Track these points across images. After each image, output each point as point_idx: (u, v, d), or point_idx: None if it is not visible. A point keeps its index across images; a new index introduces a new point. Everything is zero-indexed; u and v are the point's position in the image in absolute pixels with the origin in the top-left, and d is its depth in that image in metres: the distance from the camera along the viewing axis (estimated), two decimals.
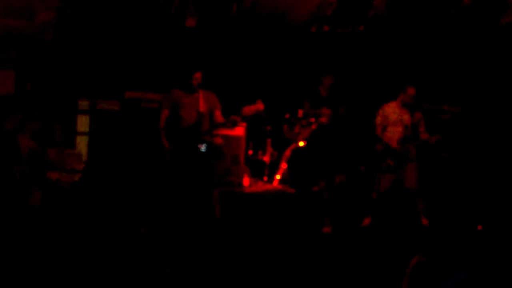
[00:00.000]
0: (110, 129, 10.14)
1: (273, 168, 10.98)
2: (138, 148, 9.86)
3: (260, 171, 11.02)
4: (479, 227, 8.15)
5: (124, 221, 8.07)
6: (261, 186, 10.75)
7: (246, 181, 10.60)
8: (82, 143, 10.48)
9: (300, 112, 9.91)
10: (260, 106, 7.90)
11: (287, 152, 10.67)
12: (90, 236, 7.29)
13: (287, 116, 10.32)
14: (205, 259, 6.85)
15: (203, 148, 8.11)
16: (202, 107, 8.07)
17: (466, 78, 10.51)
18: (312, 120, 9.42)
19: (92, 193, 9.15)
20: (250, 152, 11.18)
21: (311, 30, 11.07)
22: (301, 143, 8.77)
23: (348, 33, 10.91)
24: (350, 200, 9.79)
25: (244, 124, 10.38)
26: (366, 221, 8.68)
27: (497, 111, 10.07)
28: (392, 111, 8.63)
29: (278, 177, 10.81)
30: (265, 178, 10.96)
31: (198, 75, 8.12)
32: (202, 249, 7.17)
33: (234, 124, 8.46)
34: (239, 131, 10.52)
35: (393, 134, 8.58)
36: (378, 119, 8.68)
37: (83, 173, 9.70)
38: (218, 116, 8.19)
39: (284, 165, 10.80)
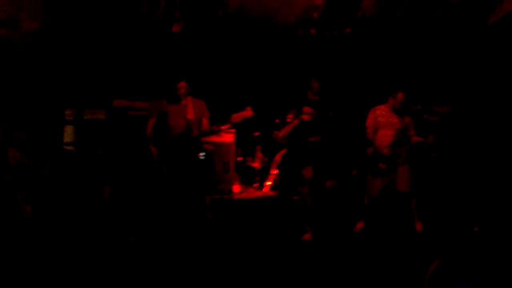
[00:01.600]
0: (96, 139, 10.05)
1: (263, 174, 10.94)
2: (126, 157, 9.76)
3: (250, 177, 10.98)
4: (475, 229, 8.09)
5: (114, 230, 8.03)
6: (251, 193, 10.72)
7: (236, 188, 10.55)
8: None
9: (289, 117, 9.84)
10: (249, 112, 7.82)
11: (277, 158, 10.63)
12: (82, 246, 7.24)
13: (277, 121, 10.25)
14: (195, 267, 6.76)
15: (202, 156, 8.06)
16: (191, 115, 7.98)
17: (455, 78, 10.50)
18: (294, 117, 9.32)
19: (80, 203, 9.10)
20: (240, 158, 11.14)
21: (298, 33, 11.00)
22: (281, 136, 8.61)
23: (335, 35, 10.86)
24: (342, 205, 9.74)
25: (233, 130, 10.34)
26: (359, 225, 8.60)
27: (486, 110, 10.07)
28: (382, 114, 8.58)
29: (268, 183, 10.77)
30: (256, 185, 10.92)
31: (182, 84, 8.06)
32: (193, 256, 7.09)
33: (220, 131, 8.41)
34: (229, 137, 10.49)
35: (384, 137, 8.52)
36: (369, 122, 8.63)
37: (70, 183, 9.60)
38: (205, 124, 8.12)
39: (274, 171, 10.76)
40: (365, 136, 8.64)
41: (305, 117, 8.29)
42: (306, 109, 8.36)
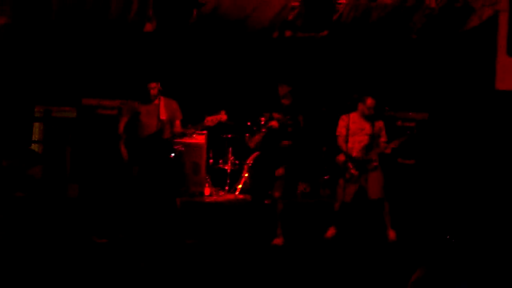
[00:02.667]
0: (66, 137, 9.92)
1: (235, 177, 10.88)
2: (95, 156, 9.64)
3: (222, 180, 10.91)
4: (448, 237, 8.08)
5: (79, 231, 7.95)
6: (222, 196, 10.66)
7: (207, 190, 10.49)
8: None
9: (262, 120, 9.79)
10: (223, 116, 7.73)
11: (249, 161, 10.58)
12: (45, 247, 7.18)
13: (249, 124, 10.19)
14: (164, 269, 6.73)
15: (172, 156, 7.98)
16: (163, 115, 7.88)
17: (431, 84, 10.56)
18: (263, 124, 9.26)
19: (47, 203, 8.99)
20: (211, 161, 11.06)
21: (273, 35, 10.95)
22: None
23: (310, 38, 10.83)
24: (313, 210, 9.73)
25: (205, 132, 10.27)
26: (330, 232, 8.55)
27: (463, 117, 10.13)
28: (352, 121, 8.53)
29: (239, 186, 10.71)
30: (226, 188, 10.85)
31: (153, 84, 7.96)
32: (162, 258, 7.06)
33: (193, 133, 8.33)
34: (200, 139, 10.43)
35: (356, 143, 8.49)
36: (339, 130, 8.60)
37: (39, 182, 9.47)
38: (178, 125, 8.02)
39: (245, 174, 10.71)
40: (336, 143, 8.61)
41: (274, 124, 8.24)
42: (275, 115, 8.32)
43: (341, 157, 8.48)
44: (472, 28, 10.10)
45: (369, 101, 8.48)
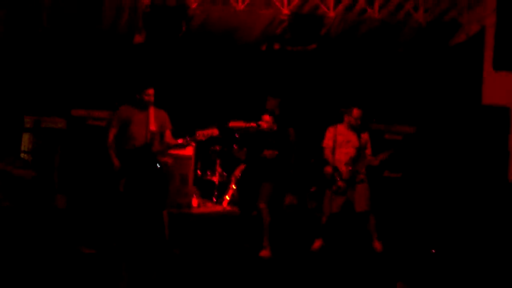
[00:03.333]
0: (55, 147, 9.91)
1: (222, 188, 10.90)
2: (84, 167, 9.64)
3: (209, 191, 10.92)
4: (433, 251, 8.14)
5: (67, 241, 7.91)
6: (209, 207, 10.67)
7: (194, 201, 10.49)
8: None
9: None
10: (215, 131, 7.72)
11: (237, 173, 10.60)
12: (32, 257, 7.15)
13: (237, 136, 10.23)
14: (152, 281, 6.68)
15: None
16: (153, 126, 7.84)
17: (418, 98, 10.63)
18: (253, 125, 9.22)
19: (34, 213, 8.99)
20: (199, 172, 11.08)
21: (261, 48, 11.02)
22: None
23: (299, 52, 10.90)
24: (300, 222, 9.75)
25: (193, 144, 10.27)
26: (316, 244, 8.57)
27: (449, 130, 10.20)
28: (339, 132, 8.55)
29: (227, 198, 10.73)
30: (214, 199, 10.87)
31: (151, 91, 7.89)
32: (150, 270, 7.03)
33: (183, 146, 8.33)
34: (188, 151, 10.42)
35: (342, 156, 8.52)
36: (325, 142, 8.63)
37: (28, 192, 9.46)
38: (168, 136, 7.99)
39: (233, 186, 10.73)
40: (322, 156, 8.64)
41: (262, 124, 8.26)
42: (266, 117, 8.34)
43: (328, 169, 8.50)
44: (459, 43, 10.21)
45: (356, 112, 8.50)
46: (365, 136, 8.59)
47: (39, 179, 9.62)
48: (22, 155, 9.99)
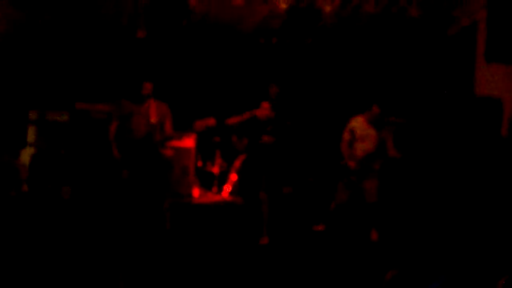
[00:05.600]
0: (59, 140, 10.06)
1: (223, 179, 11.03)
2: (88, 159, 9.82)
3: (210, 182, 11.06)
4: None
5: (71, 231, 8.08)
6: (210, 198, 10.78)
7: (195, 192, 10.62)
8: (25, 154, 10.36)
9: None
10: (212, 121, 7.90)
11: (237, 163, 10.73)
12: (34, 251, 7.26)
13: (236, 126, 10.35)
14: (154, 271, 6.87)
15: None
16: (153, 118, 8.00)
17: (413, 89, 10.74)
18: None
19: (37, 204, 9.16)
20: (200, 163, 11.20)
21: (260, 41, 11.16)
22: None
23: (297, 44, 11.02)
24: (298, 211, 9.88)
25: (194, 135, 10.42)
26: (320, 227, 8.71)
27: (444, 122, 10.29)
28: (358, 126, 8.64)
29: (227, 188, 10.86)
30: (215, 190, 11.00)
31: (148, 85, 8.06)
32: (152, 261, 7.19)
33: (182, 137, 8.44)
34: (189, 142, 10.53)
35: (359, 150, 8.61)
36: (345, 135, 8.70)
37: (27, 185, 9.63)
38: (168, 128, 8.15)
39: (233, 176, 10.86)
40: (340, 147, 8.75)
41: (260, 112, 8.36)
42: (265, 104, 8.44)
43: (344, 162, 8.63)
44: (453, 35, 10.32)
45: (375, 109, 8.60)
46: (385, 131, 8.70)
47: (43, 171, 9.78)
48: (27, 147, 10.19)
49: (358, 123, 8.63)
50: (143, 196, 7.90)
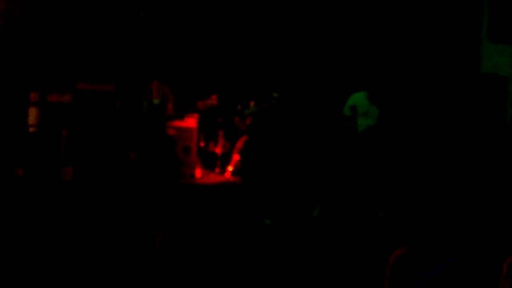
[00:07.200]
0: (61, 121, 10.05)
1: (225, 159, 11.04)
2: (90, 140, 9.80)
3: (212, 162, 11.07)
4: None
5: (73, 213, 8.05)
6: (213, 178, 10.81)
7: (198, 172, 10.64)
8: None
9: (252, 104, 9.97)
10: (214, 101, 7.91)
11: (239, 144, 10.73)
12: (36, 236, 7.20)
13: (239, 107, 10.35)
14: (155, 252, 6.89)
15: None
16: (156, 99, 8.02)
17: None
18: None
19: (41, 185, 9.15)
20: (202, 143, 11.21)
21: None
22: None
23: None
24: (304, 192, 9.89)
25: (196, 115, 10.42)
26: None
27: (449, 100, 10.27)
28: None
29: (230, 168, 10.88)
30: (217, 170, 11.02)
31: (148, 68, 8.07)
32: (154, 241, 7.21)
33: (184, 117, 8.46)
34: (191, 122, 10.52)
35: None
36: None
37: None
38: (170, 109, 8.17)
39: (236, 157, 10.87)
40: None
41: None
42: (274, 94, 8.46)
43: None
44: (458, 13, 10.25)
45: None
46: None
47: (45, 152, 9.78)
48: (29, 129, 10.18)
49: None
50: (149, 177, 7.90)
